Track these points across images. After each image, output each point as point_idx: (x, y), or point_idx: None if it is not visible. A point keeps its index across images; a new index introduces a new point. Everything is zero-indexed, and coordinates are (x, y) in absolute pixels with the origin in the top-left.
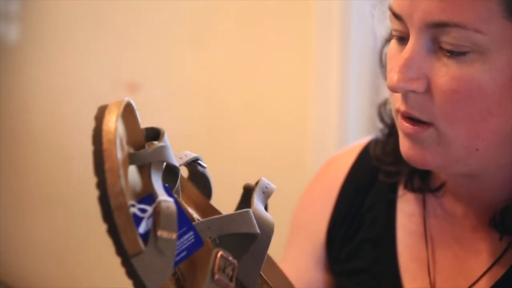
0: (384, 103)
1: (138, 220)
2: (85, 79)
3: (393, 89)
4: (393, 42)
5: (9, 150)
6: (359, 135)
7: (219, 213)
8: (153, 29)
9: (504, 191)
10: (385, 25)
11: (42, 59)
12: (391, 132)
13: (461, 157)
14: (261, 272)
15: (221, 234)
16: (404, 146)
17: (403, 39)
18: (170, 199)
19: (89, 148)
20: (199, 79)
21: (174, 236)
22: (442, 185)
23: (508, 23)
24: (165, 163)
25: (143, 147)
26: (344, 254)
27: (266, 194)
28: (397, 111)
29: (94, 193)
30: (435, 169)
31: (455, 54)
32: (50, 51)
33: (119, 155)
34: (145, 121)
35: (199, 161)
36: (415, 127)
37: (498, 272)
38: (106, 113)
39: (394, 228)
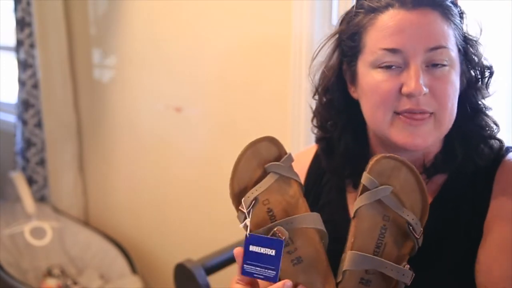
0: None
1: None
2: (148, 104)
3: (418, 93)
4: (379, 70)
5: (107, 139)
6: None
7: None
8: (191, 71)
9: (429, 155)
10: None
11: (122, 93)
12: (332, 150)
13: (441, 136)
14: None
15: None
16: (405, 136)
17: (390, 67)
18: None
19: (150, 138)
20: (220, 104)
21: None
22: None
23: (458, 51)
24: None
25: None
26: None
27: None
28: (401, 112)
29: (157, 166)
30: (424, 149)
31: (440, 66)
32: (127, 88)
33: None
34: (185, 132)
35: None
36: (423, 119)
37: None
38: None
39: (346, 199)
